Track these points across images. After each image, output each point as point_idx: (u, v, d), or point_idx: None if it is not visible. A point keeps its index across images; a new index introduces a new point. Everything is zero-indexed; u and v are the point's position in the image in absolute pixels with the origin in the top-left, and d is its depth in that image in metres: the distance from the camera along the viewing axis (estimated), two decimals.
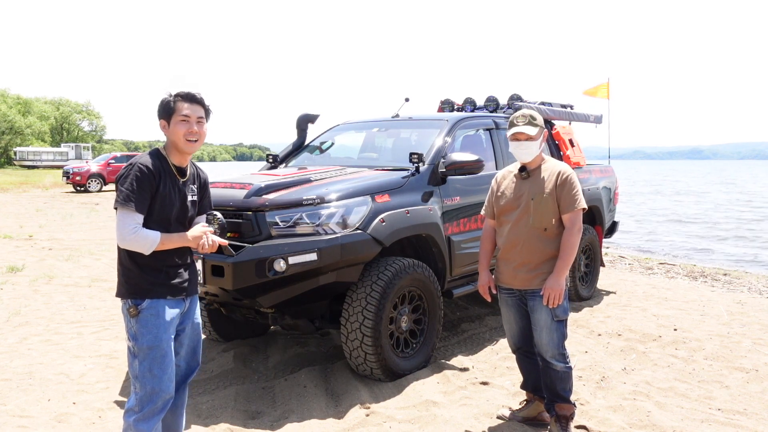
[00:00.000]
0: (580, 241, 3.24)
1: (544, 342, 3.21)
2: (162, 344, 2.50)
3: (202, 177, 2.79)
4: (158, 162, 2.54)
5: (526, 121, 3.24)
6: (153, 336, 2.49)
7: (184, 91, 2.57)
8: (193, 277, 2.72)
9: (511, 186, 3.35)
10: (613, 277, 8.12)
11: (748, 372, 4.31)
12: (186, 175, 2.65)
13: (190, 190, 2.67)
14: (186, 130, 2.54)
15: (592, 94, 8.60)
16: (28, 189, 26.47)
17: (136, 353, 2.50)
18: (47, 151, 55.66)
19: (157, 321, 2.50)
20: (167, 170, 2.56)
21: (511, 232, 3.29)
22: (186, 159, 2.64)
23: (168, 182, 2.55)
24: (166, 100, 2.57)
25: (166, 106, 2.56)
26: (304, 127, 5.91)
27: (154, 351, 2.49)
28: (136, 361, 2.51)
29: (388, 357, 4.00)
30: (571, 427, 3.29)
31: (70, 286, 6.98)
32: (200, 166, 2.81)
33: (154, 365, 2.49)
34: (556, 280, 3.14)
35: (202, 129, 2.59)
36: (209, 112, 2.65)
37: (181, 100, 2.55)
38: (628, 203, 24.40)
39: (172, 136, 2.56)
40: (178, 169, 2.61)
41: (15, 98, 66.56)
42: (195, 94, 2.58)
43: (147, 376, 2.49)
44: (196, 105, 2.58)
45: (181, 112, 2.54)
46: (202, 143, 2.61)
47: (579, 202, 3.19)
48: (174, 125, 2.55)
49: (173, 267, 2.59)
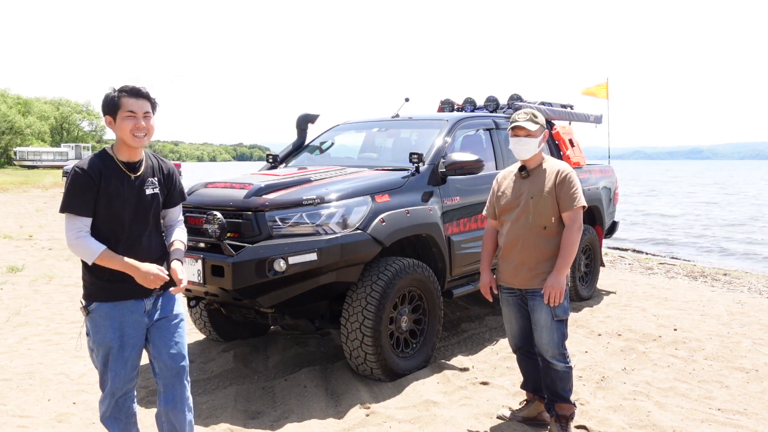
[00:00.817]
0: (580, 239, 3.24)
1: (544, 342, 3.22)
2: (111, 342, 2.52)
3: (165, 167, 2.71)
4: (99, 162, 2.49)
5: (527, 118, 3.26)
6: (102, 335, 2.52)
7: (128, 86, 2.50)
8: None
9: (511, 185, 3.36)
10: (613, 277, 8.12)
11: (748, 372, 4.31)
12: (138, 171, 2.58)
13: (149, 184, 2.60)
14: (132, 126, 2.48)
15: (592, 94, 8.60)
16: (28, 189, 26.47)
17: (93, 348, 2.59)
18: (47, 151, 55.70)
19: (105, 322, 2.52)
20: (112, 168, 2.51)
21: (511, 231, 3.30)
22: (136, 154, 2.58)
23: (113, 181, 2.49)
24: (110, 95, 2.50)
25: (111, 102, 2.49)
26: (304, 127, 5.91)
27: (104, 348, 2.53)
28: (93, 355, 2.60)
29: (388, 357, 4.00)
30: (571, 427, 3.29)
31: (70, 286, 6.98)
32: (164, 158, 2.77)
33: (107, 359, 2.54)
34: (557, 279, 3.14)
35: (149, 123, 2.53)
36: (155, 106, 2.59)
37: (126, 96, 2.49)
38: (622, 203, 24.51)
39: (119, 132, 2.51)
40: (127, 166, 2.55)
41: (15, 98, 66.60)
42: (140, 88, 2.51)
43: (104, 368, 2.57)
44: (142, 99, 2.51)
45: (127, 108, 2.48)
46: (150, 138, 2.55)
47: (578, 200, 3.19)
48: (120, 121, 2.48)
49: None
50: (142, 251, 2.57)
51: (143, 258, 2.55)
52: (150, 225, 2.62)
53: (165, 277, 2.55)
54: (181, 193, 2.80)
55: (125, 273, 2.50)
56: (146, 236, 2.60)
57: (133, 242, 2.55)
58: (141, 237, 2.58)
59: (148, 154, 2.67)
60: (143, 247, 2.58)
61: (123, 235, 2.53)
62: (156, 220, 2.66)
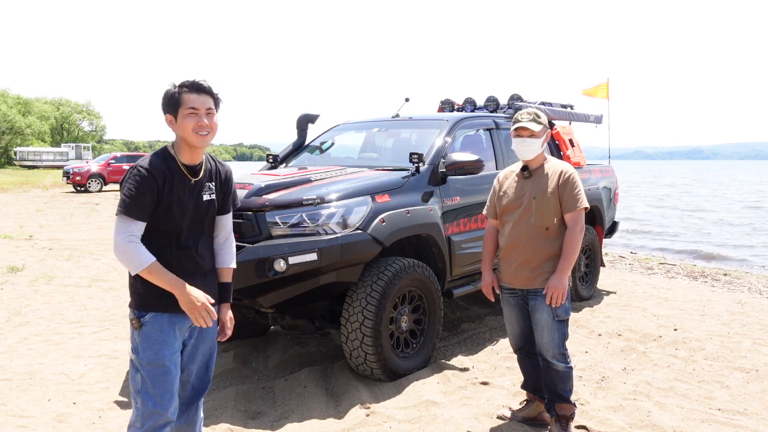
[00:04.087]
0: (582, 240, 3.24)
1: (545, 342, 3.21)
2: (164, 361, 2.30)
3: (223, 171, 2.50)
4: (163, 163, 2.30)
5: (531, 118, 3.25)
6: (154, 352, 2.30)
7: (189, 80, 2.31)
8: (211, 291, 2.44)
9: (513, 185, 3.35)
10: (613, 277, 8.12)
11: (748, 372, 4.31)
12: (199, 175, 2.38)
13: (206, 189, 2.41)
14: (195, 124, 2.29)
15: (592, 94, 8.60)
16: (29, 189, 26.46)
17: (138, 367, 2.33)
18: (47, 151, 55.67)
19: (160, 336, 2.30)
20: (175, 171, 2.32)
21: (513, 232, 3.29)
22: (198, 156, 2.38)
23: (176, 184, 2.30)
24: (170, 92, 2.31)
25: (171, 99, 2.30)
26: (304, 127, 5.91)
27: (155, 368, 2.30)
28: (138, 376, 2.33)
29: (388, 357, 4.00)
30: (571, 427, 3.29)
31: (70, 286, 6.98)
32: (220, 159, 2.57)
33: (155, 382, 2.30)
34: (560, 279, 3.14)
35: (212, 121, 2.33)
36: (219, 102, 2.38)
37: (188, 91, 2.29)
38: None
39: (180, 131, 2.31)
40: (188, 169, 2.36)
41: (15, 98, 66.57)
42: (202, 82, 2.32)
43: (147, 393, 2.31)
44: (205, 95, 2.32)
45: (189, 105, 2.28)
46: (214, 136, 2.35)
47: (581, 202, 3.19)
48: (182, 119, 2.29)
49: (186, 277, 2.33)
50: (194, 262, 2.38)
51: (194, 269, 2.38)
52: (204, 233, 2.45)
53: (213, 314, 2.33)
54: (235, 200, 2.60)
55: (193, 280, 2.32)
56: (200, 245, 2.42)
57: (186, 251, 2.36)
58: (194, 246, 2.39)
59: (207, 157, 2.47)
60: (195, 258, 2.39)
61: (176, 244, 2.34)
62: (210, 228, 2.49)
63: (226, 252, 2.57)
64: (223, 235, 2.57)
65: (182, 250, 2.36)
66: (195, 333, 2.46)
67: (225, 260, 2.56)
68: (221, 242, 2.57)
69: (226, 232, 2.58)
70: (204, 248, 2.46)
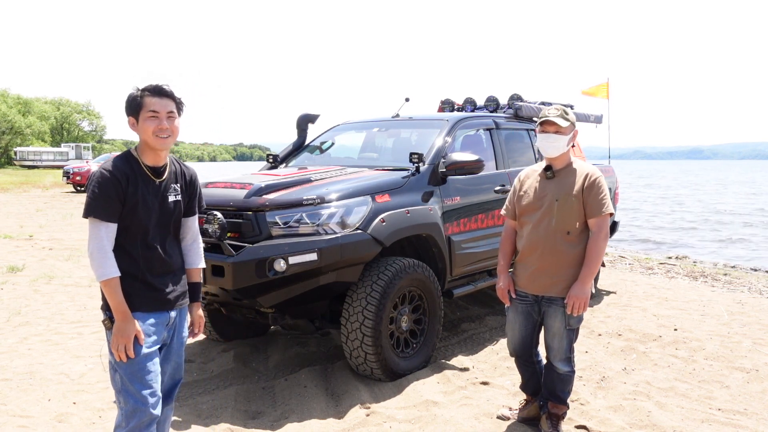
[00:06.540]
0: (606, 247, 3.12)
1: (554, 347, 3.18)
2: (139, 358, 2.32)
3: (188, 174, 2.57)
4: (126, 164, 2.36)
5: (559, 114, 3.10)
6: (134, 350, 2.33)
7: (151, 84, 2.36)
8: (182, 289, 2.54)
9: (534, 185, 3.21)
10: (613, 277, 8.12)
11: (748, 372, 4.31)
12: (163, 175, 2.44)
13: (171, 190, 2.47)
14: (156, 127, 2.34)
15: (592, 94, 8.60)
16: (29, 189, 26.46)
17: (116, 367, 2.36)
18: (47, 151, 55.68)
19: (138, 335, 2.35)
20: (138, 172, 2.37)
21: (532, 234, 3.16)
22: (161, 157, 2.43)
23: (140, 185, 2.36)
24: (133, 95, 2.36)
25: (133, 102, 2.36)
26: (304, 127, 5.91)
27: (131, 366, 2.32)
28: (117, 375, 2.36)
29: (388, 357, 4.00)
30: (561, 426, 3.30)
31: (70, 286, 6.98)
32: (187, 163, 2.64)
33: (133, 380, 2.32)
34: (582, 288, 3.03)
35: (173, 124, 2.39)
36: (181, 106, 2.44)
37: (149, 95, 2.35)
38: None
39: (141, 134, 2.37)
40: (152, 170, 2.41)
41: (15, 98, 66.57)
42: (163, 86, 2.37)
43: (128, 391, 2.33)
44: (166, 99, 2.37)
45: (150, 108, 2.34)
46: (175, 139, 2.41)
47: (607, 207, 3.07)
48: (143, 122, 2.35)
49: (156, 276, 2.41)
50: (162, 261, 2.45)
51: (162, 268, 2.44)
52: (170, 233, 2.51)
53: (131, 354, 2.31)
54: (200, 202, 2.67)
55: (163, 278, 2.42)
56: (167, 245, 2.48)
57: (152, 251, 2.42)
58: (161, 246, 2.45)
59: (172, 159, 2.53)
60: (162, 257, 2.45)
61: (142, 243, 2.40)
62: (176, 229, 2.55)
63: (194, 253, 2.65)
64: (190, 237, 2.64)
65: (149, 250, 2.42)
66: (169, 332, 2.52)
67: (193, 261, 2.65)
68: (189, 244, 2.64)
69: (193, 233, 2.65)
70: (171, 248, 2.53)
